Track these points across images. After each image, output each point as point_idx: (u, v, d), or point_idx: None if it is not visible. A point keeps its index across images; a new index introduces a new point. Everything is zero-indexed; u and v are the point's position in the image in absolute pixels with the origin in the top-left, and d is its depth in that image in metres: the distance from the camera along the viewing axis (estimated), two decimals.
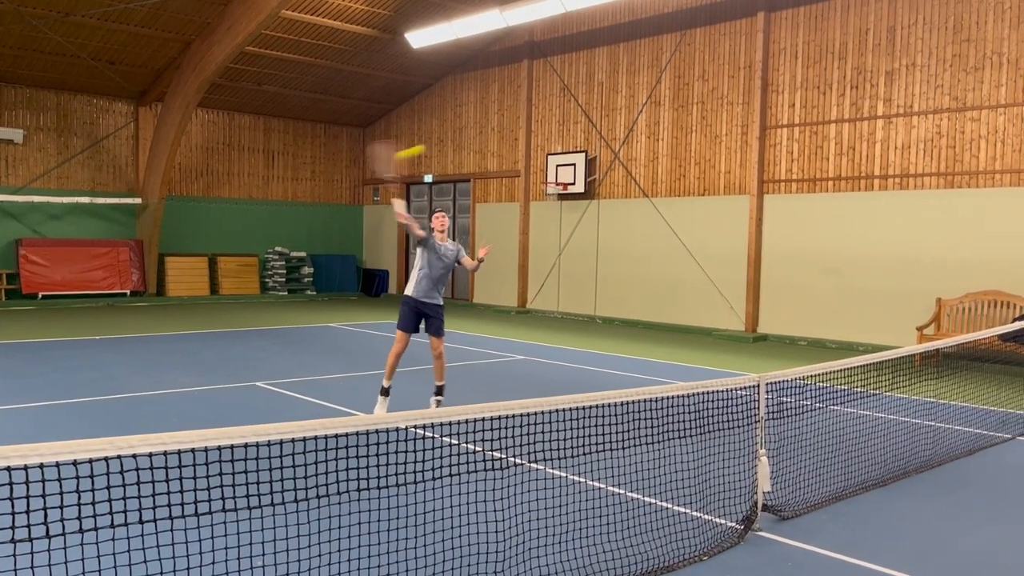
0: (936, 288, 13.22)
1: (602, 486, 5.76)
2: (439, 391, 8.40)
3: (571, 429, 4.53)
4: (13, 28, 16.58)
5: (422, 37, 18.26)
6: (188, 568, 3.47)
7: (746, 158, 15.80)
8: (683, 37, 16.83)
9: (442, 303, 8.28)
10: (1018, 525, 5.49)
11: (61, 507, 2.94)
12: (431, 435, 4.12)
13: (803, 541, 5.01)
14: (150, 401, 8.63)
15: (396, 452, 4.08)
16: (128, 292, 20.12)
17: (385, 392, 8.14)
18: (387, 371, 8.15)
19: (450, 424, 4.04)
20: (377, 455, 3.96)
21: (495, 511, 4.75)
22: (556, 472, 5.87)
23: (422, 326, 8.26)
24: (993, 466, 6.98)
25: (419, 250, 8.18)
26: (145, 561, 3.41)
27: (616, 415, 4.82)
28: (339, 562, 4.04)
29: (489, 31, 18.06)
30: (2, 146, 19.12)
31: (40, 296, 18.92)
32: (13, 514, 2.84)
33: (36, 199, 19.17)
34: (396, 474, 3.97)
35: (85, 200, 19.83)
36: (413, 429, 5.98)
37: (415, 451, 4.18)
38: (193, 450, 3.17)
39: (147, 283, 20.49)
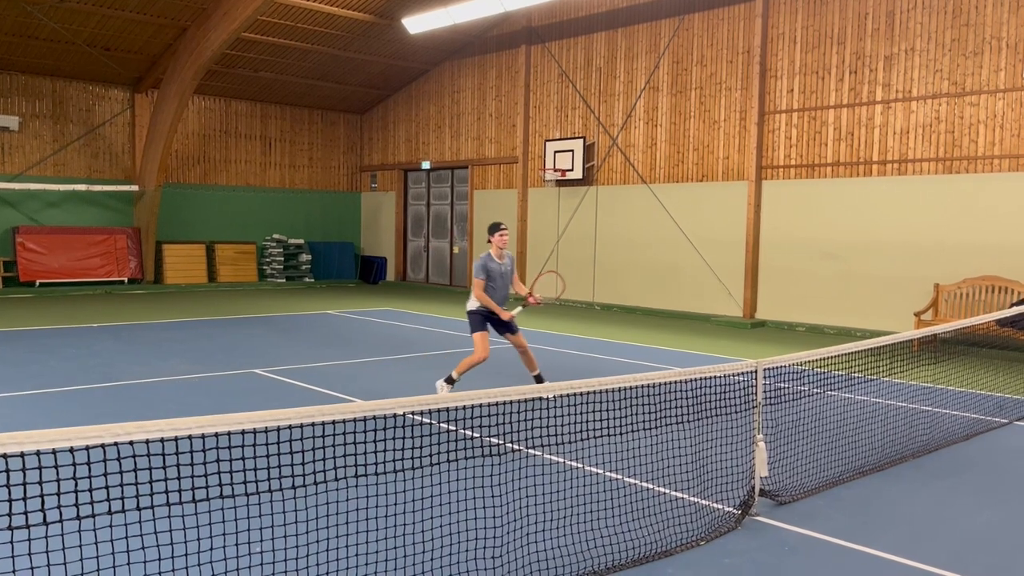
0: (934, 273, 13.23)
1: (600, 471, 5.77)
2: (539, 379, 8.43)
3: (569, 415, 4.53)
4: (8, 14, 16.48)
5: (419, 23, 18.17)
6: (186, 555, 3.48)
7: (744, 144, 15.77)
8: (681, 22, 16.75)
9: (518, 310, 8.36)
10: (1015, 509, 5.51)
11: (58, 494, 2.94)
12: (428, 421, 4.12)
13: (800, 526, 5.03)
14: (147, 388, 8.64)
15: (394, 438, 4.08)
16: (126, 280, 20.09)
17: (451, 381, 8.17)
18: (463, 368, 8.10)
19: (448, 410, 4.04)
20: (375, 441, 3.96)
21: (493, 496, 4.76)
22: (554, 458, 5.88)
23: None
24: (990, 450, 6.99)
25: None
26: (143, 548, 3.41)
27: (614, 401, 4.83)
28: (337, 548, 4.04)
29: (486, 16, 17.96)
30: None
31: (37, 284, 18.90)
32: (10, 501, 2.84)
33: (32, 187, 19.11)
34: (394, 460, 3.97)
35: (82, 187, 19.77)
36: (411, 415, 5.97)
37: (413, 437, 4.18)
38: (190, 437, 3.17)
39: (144, 271, 20.46)
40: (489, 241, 8.24)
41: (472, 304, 8.21)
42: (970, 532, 5.05)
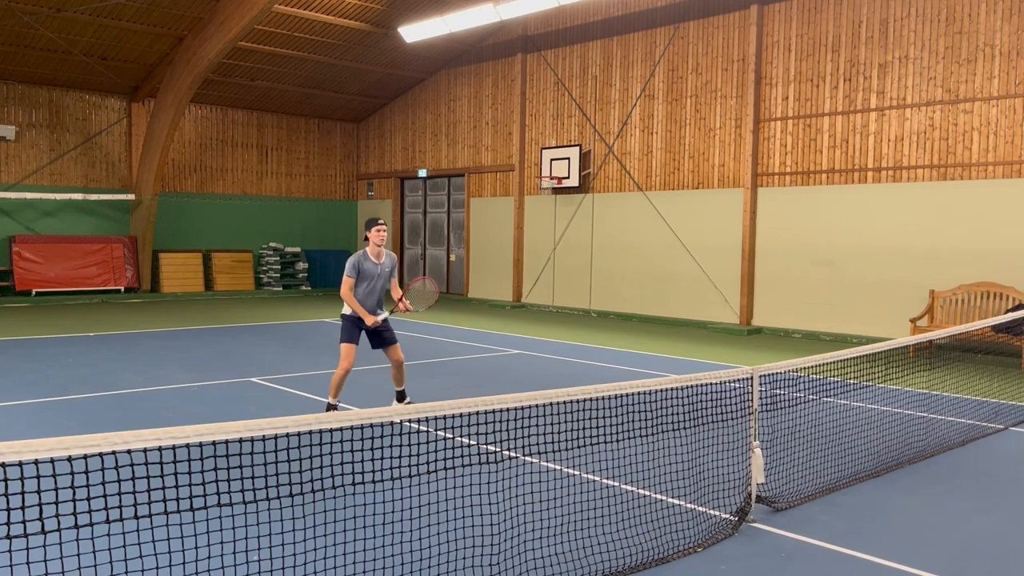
0: (929, 280, 13.27)
1: (596, 478, 5.78)
2: (402, 396, 7.89)
3: (565, 422, 4.55)
4: (5, 24, 16.51)
5: (415, 31, 18.22)
6: (184, 563, 3.48)
7: (740, 151, 15.82)
8: (676, 30, 16.83)
9: (386, 315, 7.72)
10: (1010, 514, 5.52)
11: (56, 503, 2.94)
12: (424, 429, 4.13)
13: (796, 532, 5.04)
14: (144, 397, 8.63)
15: (391, 446, 4.09)
16: (122, 289, 20.07)
17: (331, 408, 7.60)
18: (334, 390, 7.52)
19: (444, 418, 4.05)
20: (372, 449, 3.97)
21: (490, 504, 4.77)
22: (551, 465, 5.89)
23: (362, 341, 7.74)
24: (985, 456, 7.02)
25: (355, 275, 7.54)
26: (141, 556, 3.41)
27: (610, 408, 4.84)
28: (334, 556, 4.05)
29: (482, 25, 18.02)
30: None
31: (34, 293, 18.88)
32: (8, 510, 2.85)
33: (29, 196, 19.11)
34: (391, 468, 3.98)
35: (78, 197, 19.76)
36: (408, 423, 5.99)
37: (409, 445, 4.19)
38: (188, 445, 3.18)
39: (141, 280, 20.45)
40: (366, 239, 7.56)
41: (346, 308, 7.61)
42: (966, 538, 5.06)
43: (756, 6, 15.40)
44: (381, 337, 7.67)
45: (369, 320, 7.50)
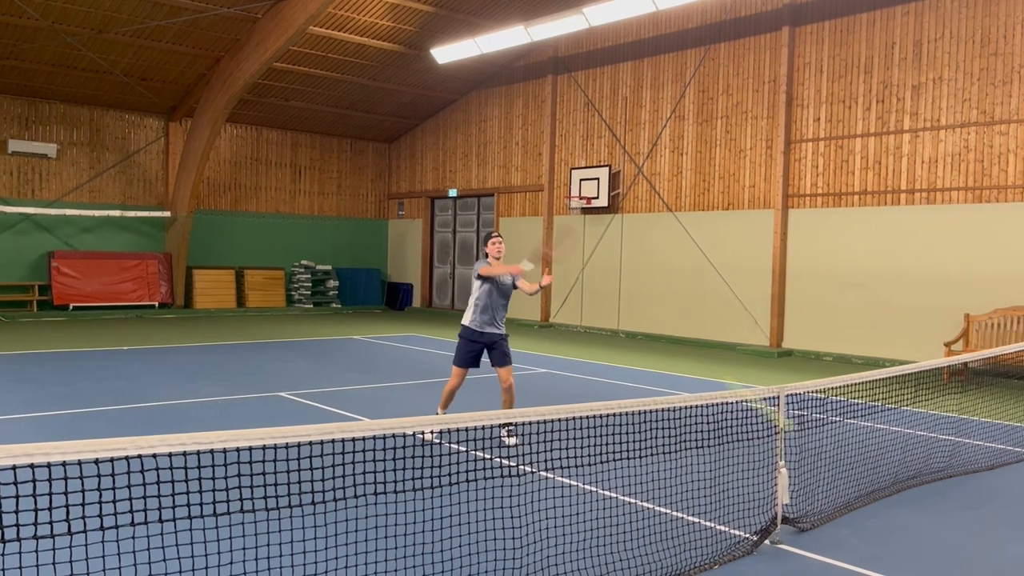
0: (964, 304, 13.05)
1: (618, 495, 5.74)
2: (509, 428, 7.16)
3: (588, 438, 4.54)
4: (48, 45, 16.97)
5: (447, 53, 18.42)
6: (207, 567, 3.52)
7: (771, 172, 15.74)
8: (707, 52, 16.84)
9: (504, 333, 7.60)
10: None
11: (83, 505, 3.00)
12: (441, 441, 4.14)
13: (823, 554, 4.96)
14: (174, 410, 8.75)
15: (413, 457, 4.11)
16: (156, 304, 20.38)
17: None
18: (442, 402, 7.50)
19: (467, 430, 4.07)
20: (394, 459, 3.99)
21: (511, 518, 4.76)
22: (570, 481, 5.87)
23: (483, 359, 7.59)
24: (1019, 482, 6.87)
25: (477, 281, 7.59)
26: (164, 560, 3.46)
27: (633, 423, 4.83)
28: (355, 565, 4.06)
29: (514, 47, 18.17)
30: (36, 160, 19.52)
31: (71, 307, 19.23)
32: (36, 511, 2.91)
33: (68, 212, 19.53)
34: (413, 479, 4.00)
35: (116, 213, 20.16)
36: (429, 435, 5.99)
37: (432, 456, 4.20)
38: (212, 451, 3.23)
39: (175, 295, 20.75)
40: (485, 254, 7.79)
41: (465, 318, 7.61)
42: (998, 566, 4.95)
43: (788, 28, 15.38)
44: (495, 354, 7.43)
45: (515, 269, 7.54)
